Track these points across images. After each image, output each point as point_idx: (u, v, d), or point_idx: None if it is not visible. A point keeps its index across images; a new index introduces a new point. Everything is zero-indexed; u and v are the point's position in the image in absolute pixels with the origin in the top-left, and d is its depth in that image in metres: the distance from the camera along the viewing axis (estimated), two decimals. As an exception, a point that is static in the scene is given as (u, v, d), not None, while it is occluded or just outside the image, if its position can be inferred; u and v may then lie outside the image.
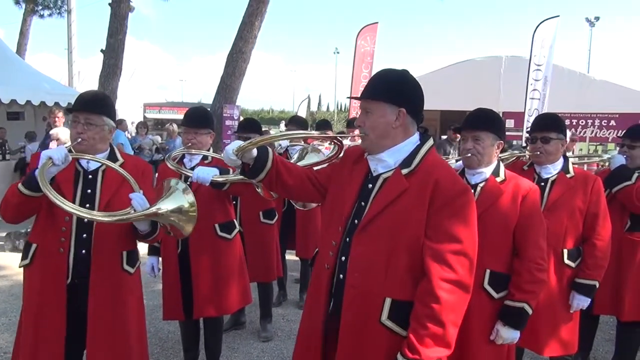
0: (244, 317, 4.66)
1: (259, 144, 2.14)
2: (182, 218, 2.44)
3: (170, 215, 2.42)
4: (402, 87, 2.02)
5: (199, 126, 3.45)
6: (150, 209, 2.37)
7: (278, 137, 2.42)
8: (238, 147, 2.13)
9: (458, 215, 1.91)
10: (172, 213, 2.41)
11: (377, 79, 2.07)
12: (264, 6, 10.16)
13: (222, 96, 10.35)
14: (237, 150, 2.13)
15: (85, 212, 2.32)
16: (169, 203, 2.41)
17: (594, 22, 40.14)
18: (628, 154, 3.65)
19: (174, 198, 2.43)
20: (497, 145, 2.62)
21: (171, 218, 2.42)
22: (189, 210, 2.44)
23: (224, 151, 2.19)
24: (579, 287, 2.97)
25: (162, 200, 2.43)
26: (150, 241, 2.68)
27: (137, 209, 2.35)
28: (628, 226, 3.60)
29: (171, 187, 2.46)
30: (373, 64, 12.69)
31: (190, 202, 2.44)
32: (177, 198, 2.43)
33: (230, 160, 2.18)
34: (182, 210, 2.43)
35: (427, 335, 1.83)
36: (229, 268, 3.47)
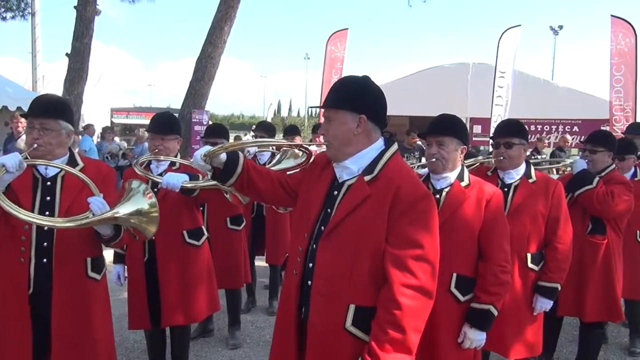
0: (211, 324, 4.61)
1: (228, 149, 2.14)
2: (143, 219, 2.40)
3: (130, 218, 2.37)
4: (362, 94, 2.02)
5: (165, 132, 3.41)
6: (108, 213, 2.32)
7: (248, 143, 2.41)
8: (207, 151, 2.13)
9: (419, 221, 1.92)
10: (132, 216, 2.36)
11: (337, 87, 2.08)
12: (233, 11, 10.10)
13: (191, 101, 10.24)
14: (206, 155, 2.13)
15: (42, 219, 2.26)
16: (128, 206, 2.37)
17: (558, 30, 41.26)
18: (589, 158, 3.75)
19: (134, 201, 2.38)
20: (461, 150, 2.66)
21: (131, 221, 2.37)
22: (149, 212, 2.40)
23: (193, 156, 2.20)
24: (542, 290, 3.03)
25: (122, 203, 2.38)
26: (115, 245, 2.62)
27: (96, 213, 2.30)
28: (589, 229, 3.68)
29: (132, 190, 2.42)
30: (343, 69, 12.77)
31: (150, 203, 2.40)
32: (137, 200, 2.39)
33: (200, 165, 2.18)
34: (142, 212, 2.38)
35: (387, 341, 1.83)
36: (197, 275, 3.43)
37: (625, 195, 3.57)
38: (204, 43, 10.19)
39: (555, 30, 41.27)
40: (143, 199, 2.40)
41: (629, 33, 11.84)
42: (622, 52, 11.89)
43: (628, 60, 11.83)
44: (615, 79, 11.53)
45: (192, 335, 4.26)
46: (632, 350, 4.43)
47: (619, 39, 11.87)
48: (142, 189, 2.42)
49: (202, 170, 2.26)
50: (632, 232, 4.21)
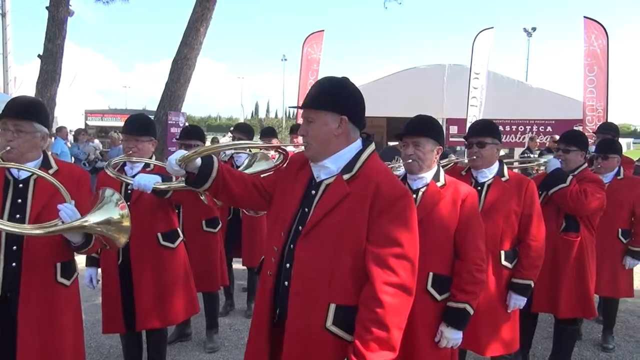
0: (189, 328, 4.56)
1: (203, 153, 2.13)
2: (112, 229, 2.36)
3: (99, 227, 2.32)
4: (343, 95, 2.03)
5: (139, 134, 3.37)
6: (77, 221, 2.27)
7: (223, 147, 2.40)
8: (182, 156, 2.11)
9: (398, 219, 1.93)
10: (101, 225, 2.32)
11: (318, 87, 2.07)
12: (209, 12, 10.03)
13: (167, 103, 10.14)
14: (181, 160, 2.11)
15: (10, 225, 2.21)
16: (98, 215, 2.32)
17: (531, 32, 41.89)
18: (563, 157, 3.81)
19: (105, 210, 2.34)
20: (437, 150, 2.68)
21: (98, 229, 2.33)
22: (119, 222, 2.36)
23: (167, 161, 2.17)
24: (516, 287, 3.07)
25: (93, 212, 2.34)
26: (85, 252, 2.57)
27: (66, 221, 2.26)
28: (563, 227, 3.74)
29: (104, 198, 2.38)
30: (319, 71, 12.79)
31: (121, 214, 2.36)
32: (108, 210, 2.34)
33: (174, 170, 2.16)
34: (112, 221, 2.34)
35: (372, 340, 1.83)
36: (173, 278, 3.39)
37: (598, 193, 3.63)
38: (179, 44, 10.10)
39: (528, 32, 41.90)
40: (115, 208, 2.36)
41: (600, 35, 12.08)
42: (595, 53, 12.12)
43: (600, 61, 12.07)
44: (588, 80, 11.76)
45: (169, 339, 4.22)
46: (605, 346, 4.51)
47: (592, 40, 12.11)
48: (115, 199, 2.38)
49: (176, 175, 2.24)
50: (613, 230, 4.30)
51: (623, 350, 4.51)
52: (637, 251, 4.33)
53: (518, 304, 3.08)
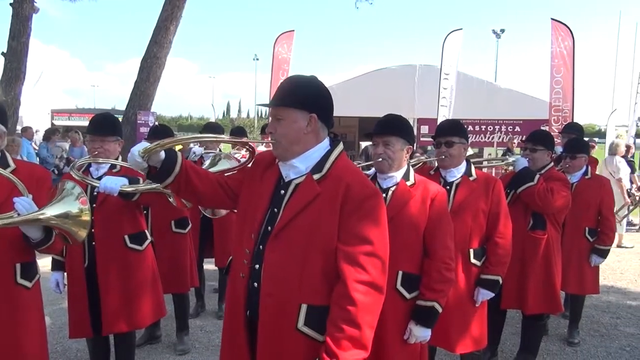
0: (159, 330, 4.49)
1: (166, 145, 2.06)
2: (69, 222, 2.29)
3: (55, 220, 2.26)
4: (312, 93, 2.02)
5: (105, 134, 3.30)
6: (33, 214, 2.21)
7: (187, 139, 2.35)
8: (144, 148, 2.04)
9: (368, 218, 1.93)
10: (58, 218, 2.25)
11: (287, 85, 2.06)
12: (179, 11, 9.94)
13: (136, 102, 10.01)
14: (144, 152, 2.04)
15: None
16: (56, 208, 2.25)
17: (500, 34, 42.65)
18: (530, 157, 3.89)
19: (64, 203, 2.28)
20: (407, 149, 2.70)
21: (53, 222, 2.26)
22: (77, 215, 2.29)
23: (130, 152, 2.08)
24: (484, 283, 3.10)
25: (51, 204, 2.27)
26: (46, 250, 2.48)
27: (22, 213, 2.19)
28: (531, 225, 3.81)
29: (64, 191, 2.31)
30: (289, 71, 12.76)
31: (80, 208, 2.30)
32: (67, 203, 2.28)
33: (136, 162, 2.07)
34: (70, 215, 2.28)
35: (344, 338, 1.83)
36: (140, 280, 3.32)
37: (563, 191, 3.71)
38: (149, 43, 9.98)
39: (497, 34, 42.65)
40: (74, 202, 2.30)
41: (567, 37, 12.36)
42: (562, 54, 12.40)
43: (567, 62, 12.35)
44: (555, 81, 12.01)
45: (139, 342, 4.15)
46: (571, 340, 4.61)
47: (559, 42, 12.38)
48: (76, 192, 2.32)
49: (138, 167, 2.14)
50: (581, 228, 4.39)
51: (588, 345, 4.62)
52: (603, 249, 4.44)
53: (485, 297, 3.11)
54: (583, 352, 4.47)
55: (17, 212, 2.20)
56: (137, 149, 2.05)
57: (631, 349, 4.56)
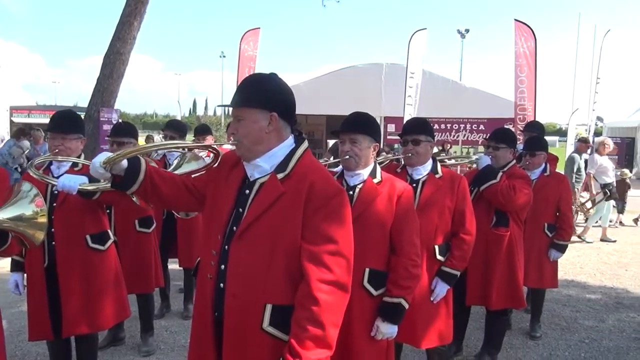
0: (122, 332, 4.40)
1: (128, 155, 2.05)
2: (23, 224, 2.21)
3: (7, 223, 2.19)
4: (271, 91, 2.00)
5: (67, 131, 3.21)
6: None
7: (150, 147, 2.32)
8: (106, 158, 2.03)
9: (333, 217, 1.92)
10: (11, 221, 2.18)
11: (246, 85, 2.04)
12: (143, 6, 9.73)
13: (99, 99, 9.76)
14: (106, 162, 2.03)
15: None
16: (9, 211, 2.18)
17: (465, 34, 43.30)
18: (493, 154, 3.95)
19: (19, 205, 2.20)
20: (373, 147, 2.71)
21: (6, 225, 2.19)
22: (32, 218, 2.22)
23: (91, 164, 2.07)
24: (443, 275, 3.13)
25: (5, 207, 2.20)
26: (3, 253, 2.40)
27: None
28: (494, 222, 3.87)
29: (20, 193, 2.24)
30: (255, 68, 12.68)
31: (34, 210, 2.23)
32: (21, 205, 2.20)
33: (99, 173, 2.07)
34: (23, 217, 2.20)
35: (307, 338, 1.82)
36: (102, 281, 3.25)
37: (525, 189, 3.79)
38: (112, 39, 9.75)
39: (462, 34, 43.28)
40: (29, 204, 2.22)
41: (530, 37, 12.65)
42: (525, 54, 12.68)
43: (529, 62, 12.64)
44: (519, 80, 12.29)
45: (101, 344, 4.07)
46: (533, 334, 4.72)
47: (522, 42, 12.66)
48: (32, 194, 2.24)
49: (102, 178, 2.14)
50: (540, 224, 4.50)
51: (549, 338, 4.74)
52: (561, 244, 4.57)
53: (442, 292, 3.12)
54: (545, 345, 4.58)
55: None
56: (98, 160, 2.04)
57: (590, 341, 4.70)
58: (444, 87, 12.96)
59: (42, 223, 2.26)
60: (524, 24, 12.72)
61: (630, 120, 19.98)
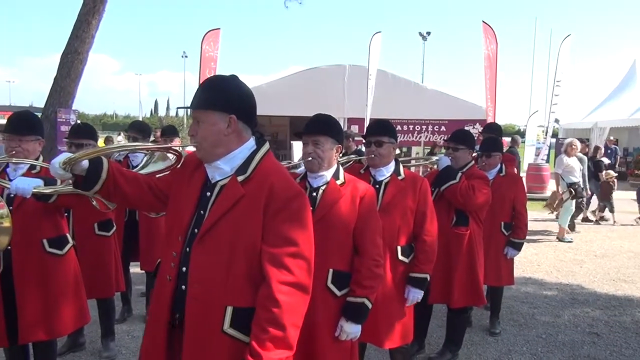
0: (82, 337, 4.30)
1: (90, 155, 2.03)
2: None
3: None
4: (230, 93, 1.99)
5: (23, 132, 3.13)
6: None
7: (112, 149, 2.28)
8: (66, 158, 2.00)
9: (293, 219, 1.93)
10: None
11: (205, 87, 2.03)
12: (101, 5, 9.52)
13: (56, 99, 9.51)
14: (66, 163, 2.00)
15: None
16: None
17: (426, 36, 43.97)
18: (452, 155, 4.03)
19: None
20: (336, 149, 2.73)
21: None
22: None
23: (50, 165, 2.04)
24: (413, 281, 3.19)
25: None
26: None
27: None
28: (454, 221, 3.96)
29: None
30: (217, 69, 12.60)
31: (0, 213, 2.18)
32: None
33: (59, 174, 2.04)
34: None
35: (268, 339, 1.82)
36: (61, 286, 3.17)
37: (484, 189, 3.88)
38: (69, 37, 9.52)
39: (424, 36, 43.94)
40: None
41: (493, 40, 12.96)
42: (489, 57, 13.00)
43: (492, 64, 12.95)
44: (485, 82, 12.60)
45: (61, 350, 3.98)
46: (492, 331, 4.85)
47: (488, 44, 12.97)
48: None
49: (62, 178, 2.10)
50: (497, 223, 4.61)
51: (508, 334, 4.87)
52: (517, 242, 4.70)
53: (417, 297, 3.20)
54: (504, 341, 4.70)
55: None
56: (58, 161, 2.01)
57: (547, 336, 4.86)
58: (406, 88, 13.16)
59: (8, 227, 2.21)
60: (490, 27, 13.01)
61: (584, 121, 20.65)
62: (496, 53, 12.91)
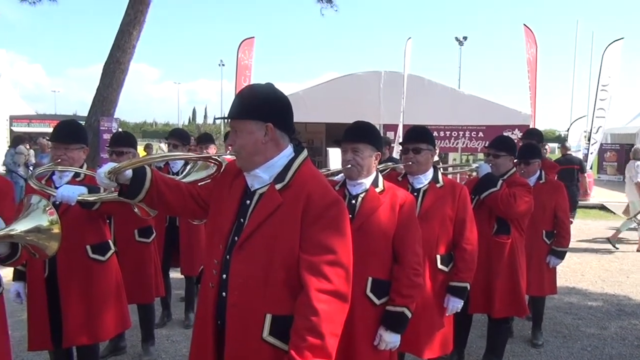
0: (123, 341, 4.39)
1: (134, 165, 2.08)
2: (42, 237, 2.23)
3: (27, 236, 2.20)
4: (266, 101, 1.99)
5: (69, 141, 3.22)
6: (3, 230, 2.15)
7: (155, 158, 2.34)
8: (111, 168, 2.06)
9: (331, 227, 1.92)
10: (29, 233, 2.20)
11: (241, 96, 2.05)
12: (142, 15, 9.78)
13: (99, 108, 9.80)
14: (110, 172, 2.06)
15: None
16: (25, 223, 2.20)
17: (463, 41, 43.47)
18: (493, 162, 3.95)
19: (32, 217, 2.22)
20: (375, 156, 2.71)
21: (28, 238, 2.21)
22: (49, 229, 2.24)
23: (97, 174, 2.11)
24: (453, 290, 3.13)
25: (19, 220, 2.21)
26: (12, 264, 2.42)
27: None
28: (495, 229, 3.88)
29: (31, 205, 2.25)
30: (251, 77, 12.75)
31: (50, 220, 2.24)
32: (36, 217, 2.22)
33: (104, 183, 2.10)
34: (41, 229, 2.22)
35: (306, 348, 1.81)
36: (103, 292, 3.24)
37: (526, 196, 3.79)
38: (111, 48, 9.80)
39: (460, 41, 43.46)
40: (43, 215, 2.24)
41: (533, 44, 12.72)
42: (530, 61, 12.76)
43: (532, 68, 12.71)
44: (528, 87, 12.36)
45: (102, 354, 4.06)
46: (535, 342, 4.71)
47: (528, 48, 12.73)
48: (42, 205, 2.26)
49: (108, 187, 2.16)
50: (538, 232, 4.50)
51: (551, 346, 4.73)
52: (560, 251, 4.57)
53: (456, 307, 3.14)
54: (547, 353, 4.57)
55: None
56: (103, 171, 2.07)
57: (592, 349, 4.69)
58: (442, 94, 12.99)
59: (58, 234, 2.27)
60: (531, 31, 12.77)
61: (629, 126, 20.01)
62: (536, 57, 12.66)
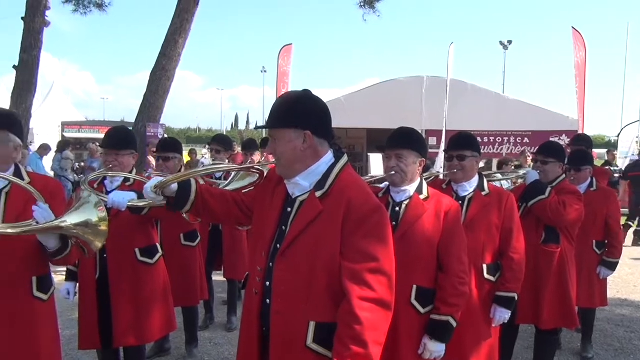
0: (168, 343, 4.48)
1: (179, 179, 2.16)
2: (88, 232, 2.30)
3: (76, 229, 2.27)
4: (303, 109, 1.99)
5: (120, 147, 3.32)
6: (54, 222, 2.23)
7: (198, 172, 2.41)
8: (157, 182, 2.15)
9: (372, 234, 1.91)
10: (78, 226, 2.26)
11: (278, 105, 2.06)
12: (187, 24, 9.99)
13: (146, 115, 10.05)
14: (156, 187, 2.15)
15: None
16: (75, 216, 2.27)
17: (507, 45, 42.72)
18: (541, 169, 3.84)
19: (83, 211, 2.29)
20: (420, 162, 2.68)
21: (74, 231, 2.27)
22: (97, 225, 2.30)
23: (144, 189, 2.22)
24: (500, 300, 3.05)
25: (70, 212, 2.28)
26: (62, 260, 2.50)
27: (40, 221, 2.22)
28: (543, 238, 3.75)
29: (82, 199, 2.33)
30: (290, 84, 12.84)
31: (100, 217, 2.30)
32: (86, 211, 2.29)
33: (151, 197, 2.21)
34: (90, 224, 2.29)
35: (350, 356, 1.80)
36: (151, 294, 3.32)
37: (576, 204, 3.66)
38: (158, 56, 10.04)
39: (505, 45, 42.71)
40: (93, 210, 2.31)
41: (582, 47, 12.35)
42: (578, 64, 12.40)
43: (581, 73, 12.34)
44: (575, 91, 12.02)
45: (148, 355, 4.14)
46: (584, 355, 4.55)
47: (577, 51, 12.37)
48: (93, 200, 2.33)
49: (155, 201, 2.25)
50: (588, 241, 4.34)
51: (602, 359, 4.55)
52: (611, 262, 4.40)
53: (504, 317, 3.06)
54: (597, 367, 4.41)
55: (35, 221, 2.22)
56: (150, 185, 2.18)
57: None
58: (486, 99, 12.77)
59: (105, 231, 2.34)
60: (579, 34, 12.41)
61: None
62: (585, 60, 12.29)
